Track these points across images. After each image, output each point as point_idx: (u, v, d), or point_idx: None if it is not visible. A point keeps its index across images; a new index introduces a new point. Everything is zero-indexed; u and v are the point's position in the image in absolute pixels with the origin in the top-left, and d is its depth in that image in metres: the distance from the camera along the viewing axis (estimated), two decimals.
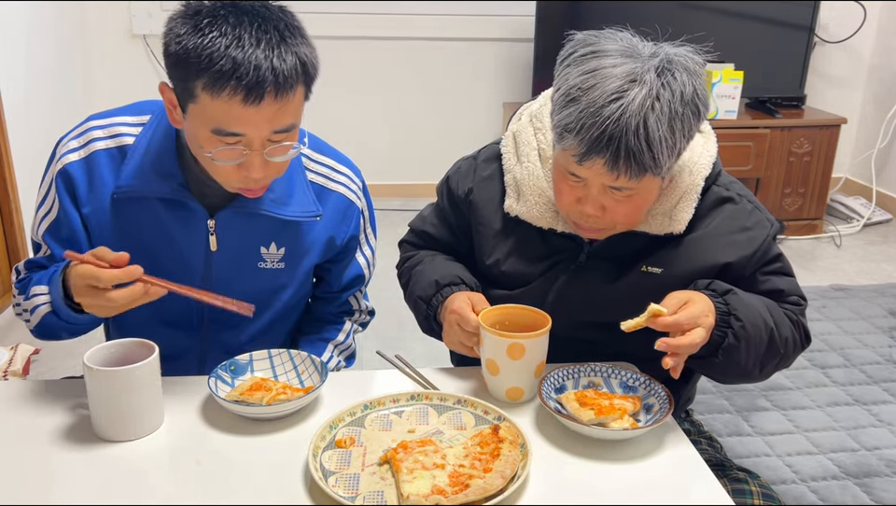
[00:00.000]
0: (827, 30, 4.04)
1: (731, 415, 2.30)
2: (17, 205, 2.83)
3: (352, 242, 1.40)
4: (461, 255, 1.45)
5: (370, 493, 0.99)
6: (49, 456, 1.06)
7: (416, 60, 4.03)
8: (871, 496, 1.96)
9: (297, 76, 1.09)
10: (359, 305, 1.49)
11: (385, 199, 3.96)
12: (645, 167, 1.11)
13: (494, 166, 1.38)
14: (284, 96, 1.09)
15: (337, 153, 1.38)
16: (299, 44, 1.10)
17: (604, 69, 1.11)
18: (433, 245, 1.48)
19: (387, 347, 1.36)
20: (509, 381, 1.18)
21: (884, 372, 2.55)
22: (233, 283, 1.30)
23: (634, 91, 1.09)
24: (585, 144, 1.11)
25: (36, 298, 1.22)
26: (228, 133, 1.10)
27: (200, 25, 1.06)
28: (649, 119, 1.08)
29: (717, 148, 1.31)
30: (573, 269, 1.31)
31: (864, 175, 4.20)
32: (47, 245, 1.29)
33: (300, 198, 1.30)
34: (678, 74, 1.12)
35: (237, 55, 1.04)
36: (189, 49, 1.06)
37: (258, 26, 1.07)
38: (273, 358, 1.24)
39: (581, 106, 1.11)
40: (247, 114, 1.08)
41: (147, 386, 1.09)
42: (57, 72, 3.36)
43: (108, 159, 1.25)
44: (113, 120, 1.28)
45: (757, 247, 1.27)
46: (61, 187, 1.25)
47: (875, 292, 3.16)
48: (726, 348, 1.17)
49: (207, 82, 1.06)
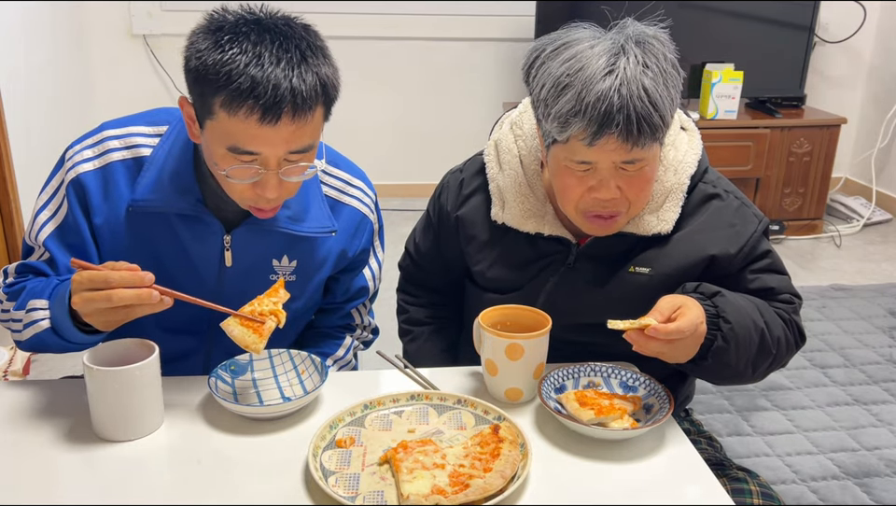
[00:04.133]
0: (827, 30, 4.04)
1: (731, 415, 2.30)
2: (17, 206, 2.83)
3: (362, 255, 1.39)
4: (452, 269, 1.46)
5: (370, 493, 0.99)
6: (49, 456, 1.06)
7: (416, 60, 4.03)
8: (871, 496, 1.96)
9: (316, 96, 1.08)
10: (362, 320, 1.47)
11: (385, 199, 3.91)
12: (656, 128, 1.12)
13: (479, 179, 1.38)
14: (302, 117, 1.07)
15: (350, 165, 1.37)
16: (320, 64, 1.08)
17: (583, 52, 1.13)
18: (426, 265, 1.49)
19: (387, 347, 1.36)
20: (508, 381, 1.18)
21: (884, 372, 2.55)
22: (245, 295, 1.28)
23: (622, 61, 1.11)
24: (595, 122, 1.11)
25: (35, 312, 1.16)
26: (243, 151, 1.08)
27: (221, 42, 1.05)
28: (646, 83, 1.10)
29: (702, 146, 1.32)
30: (562, 271, 1.31)
31: (864, 175, 4.20)
32: (47, 250, 1.25)
33: (315, 213, 1.29)
34: (651, 41, 1.15)
35: (256, 73, 1.03)
36: (208, 66, 1.04)
37: (279, 45, 1.05)
38: (273, 358, 1.24)
39: (576, 89, 1.11)
40: (264, 133, 1.06)
41: (147, 386, 1.09)
42: (57, 72, 3.36)
43: (124, 169, 1.23)
44: (129, 130, 1.25)
45: (744, 243, 1.27)
46: (72, 195, 1.22)
47: (875, 292, 3.16)
48: (715, 351, 1.17)
49: (225, 99, 1.05)
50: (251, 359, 1.23)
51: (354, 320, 1.46)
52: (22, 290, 1.22)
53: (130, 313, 1.06)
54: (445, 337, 1.51)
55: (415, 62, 4.03)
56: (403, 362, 1.30)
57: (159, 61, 3.83)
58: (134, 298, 1.03)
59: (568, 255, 1.31)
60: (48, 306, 1.16)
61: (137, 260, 1.08)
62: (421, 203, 1.63)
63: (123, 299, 1.03)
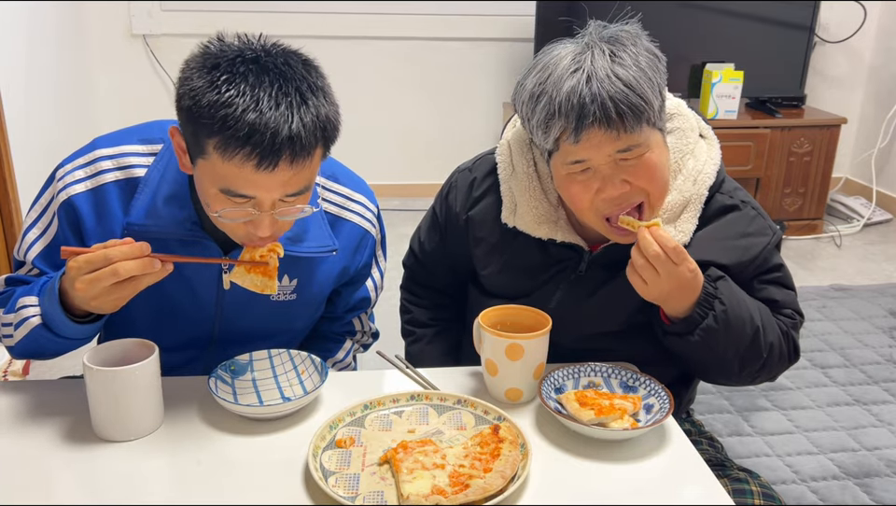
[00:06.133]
0: (827, 30, 4.04)
1: (731, 415, 2.30)
2: (17, 206, 2.83)
3: (364, 269, 1.38)
4: (458, 270, 1.45)
5: (370, 493, 0.99)
6: (49, 456, 1.06)
7: (416, 60, 4.03)
8: (871, 496, 1.96)
9: (315, 140, 1.03)
10: (363, 326, 1.47)
11: (385, 199, 3.93)
12: (637, 109, 1.10)
13: (490, 180, 1.35)
14: (300, 161, 1.03)
15: (351, 177, 1.34)
16: (320, 105, 1.03)
17: (551, 61, 1.14)
18: (431, 265, 1.48)
19: (387, 347, 1.36)
20: (508, 382, 1.18)
21: (884, 372, 2.55)
22: (244, 317, 1.28)
23: (587, 56, 1.12)
24: (573, 118, 1.11)
25: (24, 309, 1.14)
26: (237, 194, 1.04)
27: (216, 82, 0.99)
28: (615, 69, 1.10)
29: (720, 155, 1.31)
30: (573, 278, 1.31)
31: (864, 175, 4.20)
32: (36, 267, 1.22)
33: (315, 233, 1.26)
34: (619, 34, 1.14)
35: (254, 119, 0.98)
36: (202, 107, 0.99)
37: (278, 87, 1.00)
38: (272, 359, 1.24)
39: (548, 94, 1.12)
40: (260, 179, 1.02)
41: (146, 386, 1.09)
42: (57, 72, 3.36)
43: (118, 190, 1.19)
44: (122, 150, 1.21)
45: (756, 254, 1.26)
46: (62, 217, 1.20)
47: (875, 292, 3.16)
48: (705, 329, 1.17)
49: (219, 143, 1.00)
50: (251, 359, 1.23)
51: (354, 327, 1.46)
52: (11, 296, 1.20)
53: (137, 285, 1.05)
54: (448, 339, 1.51)
55: (415, 62, 4.03)
56: (403, 362, 1.30)
57: (159, 61, 3.82)
58: (139, 268, 1.02)
59: (580, 262, 1.30)
60: (37, 302, 1.14)
61: None
62: (421, 203, 1.63)
63: (129, 270, 1.01)
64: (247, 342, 1.28)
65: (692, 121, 1.30)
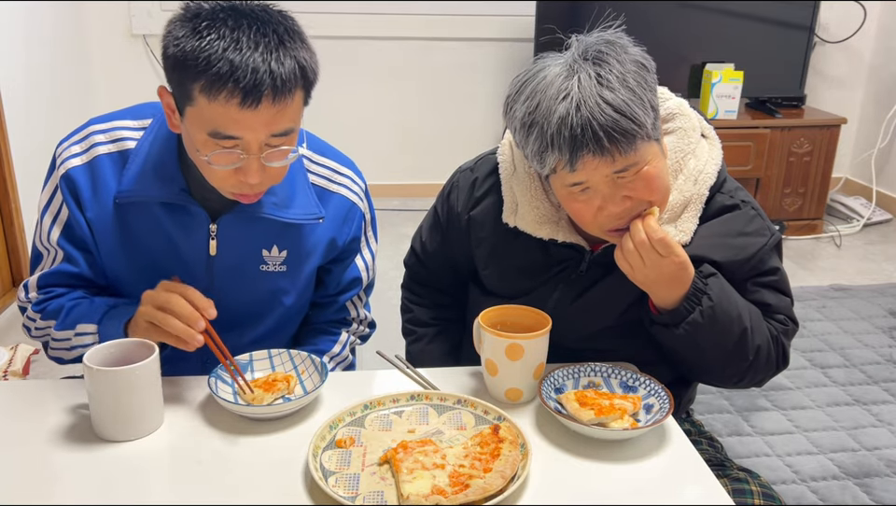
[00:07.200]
0: (827, 30, 4.04)
1: (731, 415, 2.30)
2: (17, 205, 2.83)
3: (353, 243, 1.39)
4: (459, 270, 1.45)
5: (370, 493, 0.99)
6: (49, 456, 1.06)
7: (416, 60, 4.03)
8: (871, 496, 1.96)
9: (295, 80, 1.09)
10: (357, 313, 1.46)
11: (385, 199, 3.95)
12: (629, 133, 1.10)
13: (492, 180, 1.36)
14: (282, 100, 1.08)
15: (338, 154, 1.37)
16: (298, 48, 1.09)
17: (538, 86, 1.13)
18: (432, 265, 1.48)
19: (387, 347, 1.36)
20: (508, 382, 1.18)
21: (884, 372, 2.55)
22: (236, 287, 1.29)
23: (573, 82, 1.10)
24: (566, 150, 1.10)
25: (82, 337, 1.21)
26: (225, 136, 1.09)
27: (198, 28, 1.06)
28: (603, 93, 1.09)
29: (722, 155, 1.31)
30: (574, 278, 1.31)
31: (864, 175, 4.21)
32: (61, 249, 1.26)
33: (301, 200, 1.29)
34: (603, 48, 1.13)
35: (235, 58, 1.04)
36: (186, 52, 1.05)
37: (256, 29, 1.06)
38: (272, 358, 1.24)
39: (539, 126, 1.12)
40: (245, 117, 1.07)
41: (147, 386, 1.09)
42: (57, 72, 3.36)
43: (111, 163, 1.24)
44: (114, 124, 1.27)
45: (752, 254, 1.26)
46: (65, 192, 1.24)
47: (875, 292, 3.16)
48: (691, 323, 1.18)
49: (204, 85, 1.05)
50: (251, 359, 1.23)
51: (349, 314, 1.45)
52: (60, 310, 1.25)
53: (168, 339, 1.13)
54: (448, 339, 1.51)
55: (415, 62, 4.03)
56: (403, 362, 1.30)
57: (159, 61, 3.81)
58: (184, 333, 1.11)
59: (581, 262, 1.30)
60: (96, 331, 1.20)
61: (128, 253, 1.10)
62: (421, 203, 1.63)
63: (175, 329, 1.11)
64: (241, 323, 1.30)
65: (693, 121, 1.30)
